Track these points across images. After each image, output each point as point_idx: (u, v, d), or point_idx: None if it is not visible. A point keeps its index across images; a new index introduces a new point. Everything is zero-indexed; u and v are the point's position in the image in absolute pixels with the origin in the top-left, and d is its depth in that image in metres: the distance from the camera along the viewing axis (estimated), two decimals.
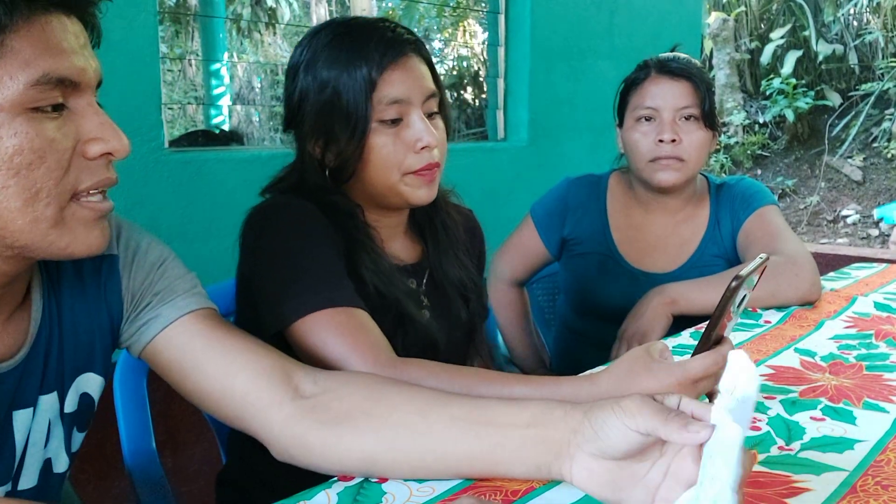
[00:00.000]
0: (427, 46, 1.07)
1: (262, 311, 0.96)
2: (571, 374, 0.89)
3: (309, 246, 0.97)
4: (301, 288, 0.93)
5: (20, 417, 0.75)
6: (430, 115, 1.04)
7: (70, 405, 0.81)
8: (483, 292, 1.22)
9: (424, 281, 1.13)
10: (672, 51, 1.57)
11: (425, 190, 1.04)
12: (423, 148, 1.01)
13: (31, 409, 0.76)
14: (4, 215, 0.65)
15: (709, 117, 1.48)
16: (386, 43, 1.00)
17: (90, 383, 0.83)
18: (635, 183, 1.58)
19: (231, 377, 0.80)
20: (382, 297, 1.02)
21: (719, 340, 0.83)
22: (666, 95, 1.47)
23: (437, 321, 1.10)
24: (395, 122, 1.01)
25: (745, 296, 0.82)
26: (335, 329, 0.90)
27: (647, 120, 1.49)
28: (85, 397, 0.82)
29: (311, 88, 1.02)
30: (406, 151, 1.01)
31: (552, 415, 0.68)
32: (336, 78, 1.00)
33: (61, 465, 0.81)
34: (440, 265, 1.13)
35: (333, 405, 0.77)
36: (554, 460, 0.67)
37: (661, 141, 1.45)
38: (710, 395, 0.84)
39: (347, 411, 0.76)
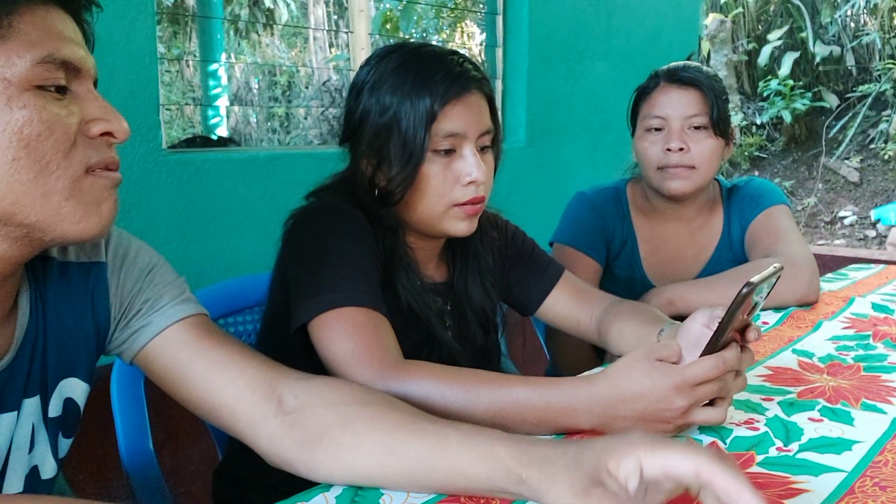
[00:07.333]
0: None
1: (292, 307, 0.97)
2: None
3: (348, 249, 0.99)
4: (331, 285, 0.95)
5: (4, 421, 0.75)
6: (481, 150, 1.06)
7: (54, 410, 0.80)
8: (499, 328, 1.22)
9: (450, 301, 1.15)
10: (688, 59, 1.57)
11: (466, 223, 1.06)
12: (470, 182, 1.03)
13: (15, 412, 0.76)
14: (17, 188, 0.65)
15: (718, 125, 1.46)
16: (452, 77, 1.01)
17: (74, 389, 0.82)
18: (649, 192, 1.58)
19: (219, 391, 0.80)
20: (414, 315, 1.05)
21: (726, 345, 0.83)
22: (674, 104, 1.46)
23: (457, 342, 1.12)
24: (448, 152, 1.03)
25: (756, 303, 0.82)
26: (351, 327, 0.92)
27: (656, 130, 1.48)
28: (70, 402, 0.82)
29: (373, 110, 1.04)
30: (454, 183, 1.03)
31: (508, 478, 0.66)
32: (398, 104, 1.01)
33: (48, 470, 0.81)
34: (465, 289, 1.15)
35: (308, 423, 0.77)
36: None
37: (668, 150, 1.45)
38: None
39: (320, 434, 0.75)
